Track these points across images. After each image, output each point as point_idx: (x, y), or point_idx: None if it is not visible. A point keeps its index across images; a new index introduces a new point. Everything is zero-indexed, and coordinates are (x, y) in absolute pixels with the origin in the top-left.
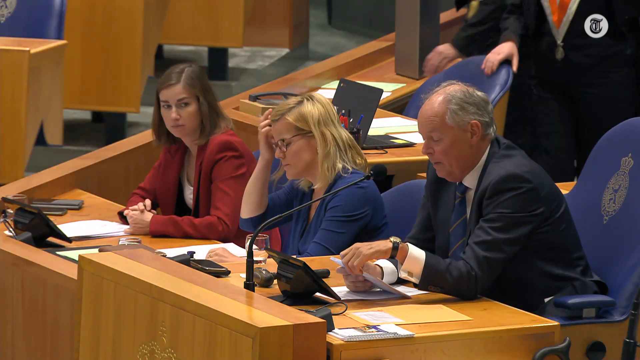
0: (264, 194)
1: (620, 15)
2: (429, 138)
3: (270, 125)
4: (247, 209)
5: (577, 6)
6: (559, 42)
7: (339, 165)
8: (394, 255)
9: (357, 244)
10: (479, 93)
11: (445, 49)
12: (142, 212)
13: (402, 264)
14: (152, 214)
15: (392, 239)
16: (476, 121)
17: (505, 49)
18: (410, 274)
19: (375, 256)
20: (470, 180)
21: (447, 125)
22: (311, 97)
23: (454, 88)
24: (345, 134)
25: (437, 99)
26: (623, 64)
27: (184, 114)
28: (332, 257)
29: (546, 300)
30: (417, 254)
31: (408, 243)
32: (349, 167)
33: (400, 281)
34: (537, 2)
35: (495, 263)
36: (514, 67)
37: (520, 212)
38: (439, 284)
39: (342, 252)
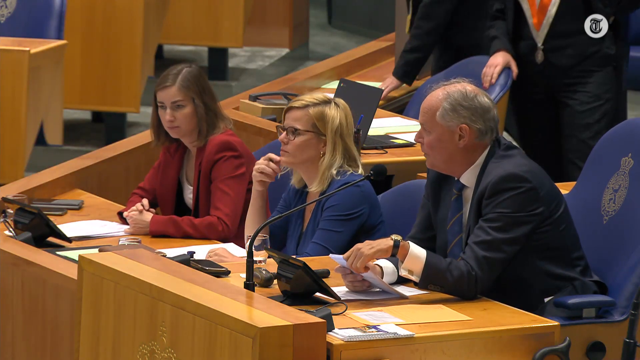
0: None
1: (602, 15)
2: (422, 127)
3: (264, 172)
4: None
5: (557, 8)
6: (540, 44)
7: (334, 172)
8: (395, 253)
9: (358, 245)
10: (482, 99)
11: (388, 80)
12: (140, 212)
13: (402, 262)
14: (151, 214)
15: (393, 236)
16: (465, 126)
17: (500, 59)
18: (410, 272)
19: (376, 256)
20: (467, 178)
21: (436, 122)
22: (337, 102)
23: (457, 88)
24: (355, 150)
25: (438, 93)
26: (604, 64)
27: (179, 116)
28: (331, 255)
29: (546, 300)
30: (417, 252)
31: (409, 242)
32: (345, 170)
33: (400, 281)
34: (515, 5)
35: (495, 263)
36: (514, 74)
37: (519, 212)
38: (439, 283)
39: (344, 255)
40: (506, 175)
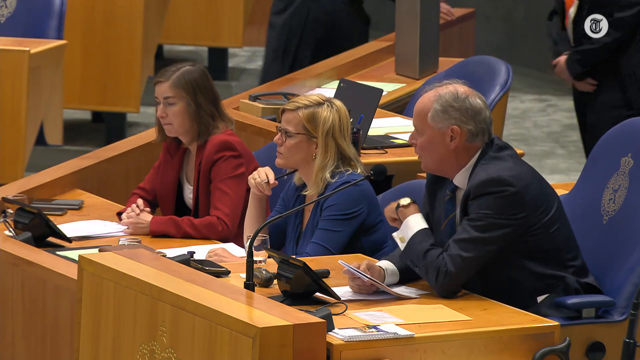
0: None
1: (602, 15)
2: (415, 129)
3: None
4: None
5: (576, 9)
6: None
7: (328, 175)
8: (399, 209)
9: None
10: (474, 100)
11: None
12: (137, 215)
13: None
14: (150, 214)
15: (408, 198)
16: (456, 127)
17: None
18: (402, 240)
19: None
20: (460, 180)
21: (427, 123)
22: (332, 103)
23: (448, 89)
24: (352, 150)
25: (430, 95)
26: (614, 77)
27: (170, 113)
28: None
29: (539, 299)
30: (413, 223)
31: (418, 214)
32: (344, 170)
33: (401, 282)
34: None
35: (468, 261)
36: None
37: (499, 214)
38: (416, 263)
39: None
40: (488, 179)
